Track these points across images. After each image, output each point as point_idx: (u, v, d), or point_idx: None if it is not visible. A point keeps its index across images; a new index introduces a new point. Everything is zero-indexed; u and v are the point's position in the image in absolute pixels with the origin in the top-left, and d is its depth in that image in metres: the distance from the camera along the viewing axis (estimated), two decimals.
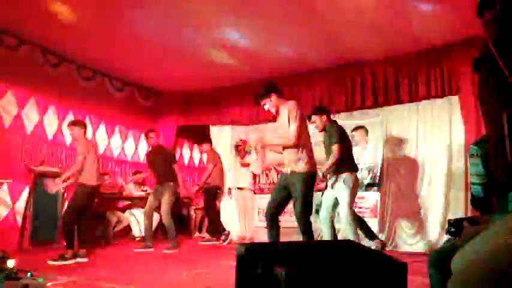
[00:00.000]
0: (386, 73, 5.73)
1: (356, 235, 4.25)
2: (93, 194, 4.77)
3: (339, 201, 4.33)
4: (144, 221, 5.72)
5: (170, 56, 5.85)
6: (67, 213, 4.59)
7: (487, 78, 1.22)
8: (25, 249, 4.94)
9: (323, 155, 4.51)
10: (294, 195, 3.53)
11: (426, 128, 5.52)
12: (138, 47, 5.54)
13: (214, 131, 7.44)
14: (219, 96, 7.24)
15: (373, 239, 4.57)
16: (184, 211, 7.62)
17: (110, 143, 7.15)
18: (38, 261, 4.10)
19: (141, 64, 6.21)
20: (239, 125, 7.22)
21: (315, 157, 3.68)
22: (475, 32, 4.51)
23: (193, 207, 7.56)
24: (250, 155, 6.67)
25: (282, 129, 3.62)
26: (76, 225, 4.54)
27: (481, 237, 1.14)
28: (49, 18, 4.72)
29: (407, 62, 5.55)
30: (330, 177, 4.40)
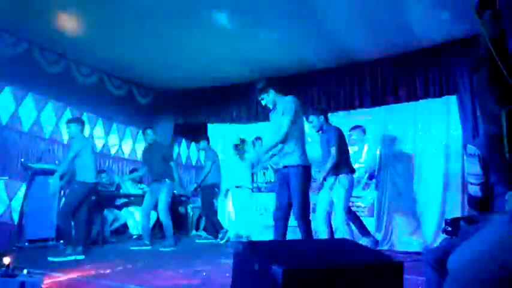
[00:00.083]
0: (385, 73, 5.73)
1: (351, 235, 4.26)
2: (91, 191, 4.77)
3: (334, 201, 4.37)
4: (141, 218, 5.71)
5: (169, 54, 5.83)
6: (64, 210, 4.59)
7: (486, 77, 1.23)
8: (21, 247, 4.92)
9: (317, 154, 4.51)
10: (291, 191, 3.51)
11: (424, 128, 5.53)
12: (137, 45, 5.51)
13: (213, 129, 7.44)
14: (218, 94, 7.22)
15: (366, 235, 4.59)
16: (181, 209, 7.61)
17: (107, 141, 7.13)
18: (34, 258, 4.10)
19: (140, 62, 6.18)
20: (238, 123, 7.21)
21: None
22: (473, 32, 4.51)
23: (191, 205, 7.55)
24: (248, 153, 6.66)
25: (278, 124, 3.60)
26: (73, 222, 4.54)
27: (477, 237, 1.14)
28: (47, 17, 4.69)
29: (405, 62, 5.55)
30: (327, 180, 4.42)
